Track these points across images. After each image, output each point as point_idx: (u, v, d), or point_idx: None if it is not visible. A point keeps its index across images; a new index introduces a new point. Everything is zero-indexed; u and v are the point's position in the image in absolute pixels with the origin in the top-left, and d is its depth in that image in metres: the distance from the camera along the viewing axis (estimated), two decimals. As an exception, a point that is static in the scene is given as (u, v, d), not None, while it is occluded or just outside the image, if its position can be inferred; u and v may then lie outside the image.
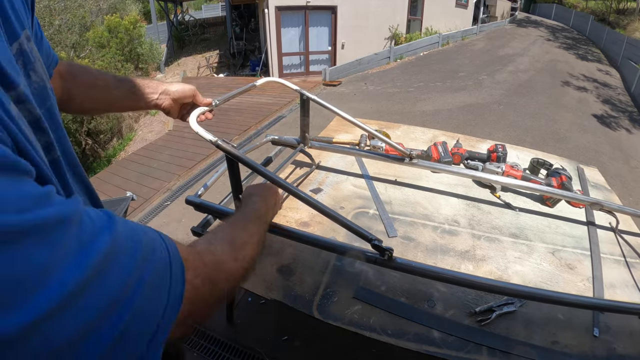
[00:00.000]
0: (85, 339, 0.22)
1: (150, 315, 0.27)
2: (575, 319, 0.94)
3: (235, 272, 0.44)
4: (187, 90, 0.80)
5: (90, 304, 0.23)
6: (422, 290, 0.99)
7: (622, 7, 15.67)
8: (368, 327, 0.90)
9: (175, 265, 0.32)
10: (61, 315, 0.21)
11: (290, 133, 1.52)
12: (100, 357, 0.23)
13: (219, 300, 0.40)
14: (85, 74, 0.68)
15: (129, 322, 0.25)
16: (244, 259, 0.47)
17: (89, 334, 0.23)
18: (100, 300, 0.24)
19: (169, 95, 0.77)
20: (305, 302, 0.95)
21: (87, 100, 0.69)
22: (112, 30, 9.12)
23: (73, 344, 0.22)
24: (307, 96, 1.23)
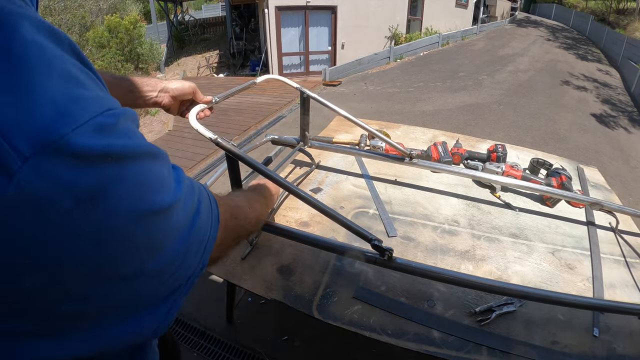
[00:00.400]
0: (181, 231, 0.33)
1: (204, 233, 0.38)
2: (575, 319, 0.94)
3: (249, 216, 0.58)
4: (187, 88, 0.80)
5: (182, 213, 0.33)
6: (422, 290, 0.99)
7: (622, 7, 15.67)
8: (368, 327, 0.90)
9: (214, 202, 0.42)
10: (177, 208, 0.32)
11: (290, 133, 1.52)
12: (184, 255, 0.33)
13: (239, 235, 0.54)
14: None
15: (195, 233, 0.35)
16: (255, 209, 0.62)
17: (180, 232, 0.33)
18: (186, 211, 0.34)
19: (168, 93, 0.78)
20: (305, 302, 0.95)
21: None
22: (112, 30, 9.12)
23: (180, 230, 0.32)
24: (307, 94, 1.23)
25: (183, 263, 0.33)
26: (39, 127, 0.20)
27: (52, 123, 0.20)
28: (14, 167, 0.19)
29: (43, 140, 0.20)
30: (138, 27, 9.59)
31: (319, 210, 0.76)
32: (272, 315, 1.77)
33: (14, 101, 0.19)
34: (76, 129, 0.21)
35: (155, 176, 0.29)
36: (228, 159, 0.84)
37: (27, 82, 0.20)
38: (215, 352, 1.62)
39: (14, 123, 0.19)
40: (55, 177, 0.20)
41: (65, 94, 0.22)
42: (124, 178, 0.24)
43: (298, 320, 1.70)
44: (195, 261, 0.35)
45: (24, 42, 0.21)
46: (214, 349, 1.63)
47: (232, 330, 1.70)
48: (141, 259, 0.28)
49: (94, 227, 0.23)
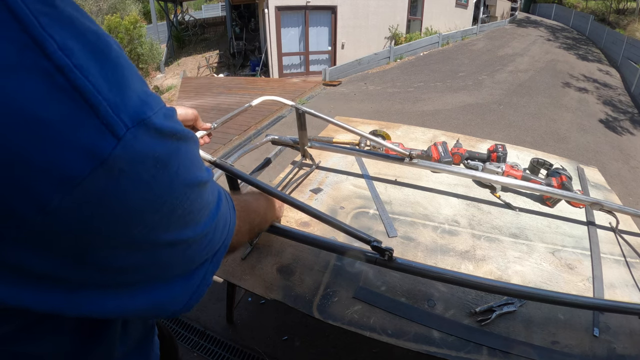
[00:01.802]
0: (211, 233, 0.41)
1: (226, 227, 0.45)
2: (575, 319, 0.94)
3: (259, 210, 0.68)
4: (190, 114, 0.86)
5: (220, 222, 0.43)
6: (422, 290, 0.99)
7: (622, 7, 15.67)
8: (368, 327, 0.90)
9: (227, 194, 0.50)
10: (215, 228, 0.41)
11: (290, 133, 1.52)
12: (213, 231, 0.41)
13: (253, 226, 0.64)
14: None
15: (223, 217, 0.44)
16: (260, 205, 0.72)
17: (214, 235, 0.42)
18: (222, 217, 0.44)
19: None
20: (305, 302, 0.95)
21: None
22: (112, 30, 9.11)
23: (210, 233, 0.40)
24: (302, 110, 1.25)
25: (212, 238, 0.41)
26: (134, 109, 0.28)
27: (140, 107, 0.29)
28: (121, 133, 0.27)
29: (138, 117, 0.28)
30: (138, 27, 9.59)
31: (315, 217, 0.77)
32: (272, 315, 1.77)
33: (118, 92, 0.27)
34: (154, 114, 0.30)
35: (197, 156, 0.37)
36: (228, 177, 0.89)
37: (123, 79, 0.28)
38: (215, 352, 1.62)
39: (120, 105, 0.27)
40: (145, 142, 0.29)
41: (141, 89, 0.30)
42: (182, 152, 0.33)
43: (298, 320, 1.70)
44: (221, 239, 0.43)
45: (115, 49, 0.29)
46: (214, 349, 1.63)
47: (232, 330, 1.70)
48: (185, 224, 0.35)
49: (163, 186, 0.31)
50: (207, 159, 0.85)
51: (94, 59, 0.26)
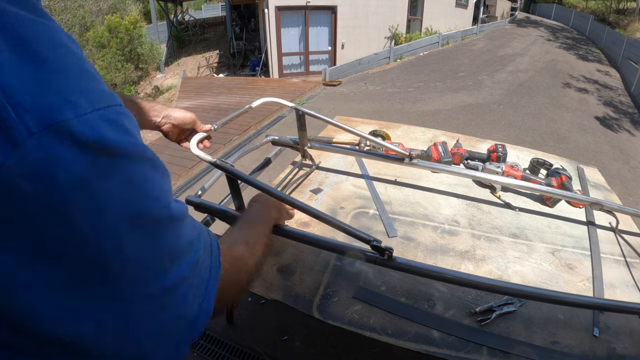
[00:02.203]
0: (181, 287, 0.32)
1: (202, 280, 0.36)
2: (575, 319, 0.94)
3: (251, 265, 0.53)
4: (188, 118, 0.84)
5: (199, 269, 0.34)
6: (422, 290, 0.99)
7: (622, 7, 15.67)
8: (368, 327, 0.90)
9: (216, 253, 0.40)
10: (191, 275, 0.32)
11: (290, 133, 1.52)
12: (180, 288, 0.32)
13: (241, 288, 0.50)
14: None
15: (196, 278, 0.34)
16: (256, 254, 0.56)
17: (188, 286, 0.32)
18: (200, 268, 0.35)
19: (170, 120, 0.80)
20: (305, 302, 0.95)
21: None
22: (112, 30, 9.13)
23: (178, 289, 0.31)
24: (302, 111, 1.25)
25: (181, 298, 0.31)
26: (47, 109, 0.22)
27: (58, 107, 0.22)
28: (20, 139, 0.21)
29: (49, 120, 0.22)
30: (138, 27, 9.60)
31: (315, 217, 0.77)
32: (272, 315, 1.77)
33: (29, 86, 0.22)
34: (79, 117, 0.23)
35: (152, 184, 0.28)
36: (228, 178, 0.88)
37: (45, 74, 0.23)
38: (215, 352, 1.62)
39: (26, 103, 0.21)
40: (54, 155, 0.22)
41: (76, 85, 0.24)
42: (118, 173, 0.25)
43: (298, 320, 1.70)
44: (195, 301, 0.33)
45: (46, 41, 0.24)
46: (214, 349, 1.63)
47: (232, 330, 1.70)
48: (127, 273, 0.26)
49: (83, 216, 0.23)
50: (207, 159, 0.84)
51: (10, 49, 0.22)
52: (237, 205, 0.89)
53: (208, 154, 0.85)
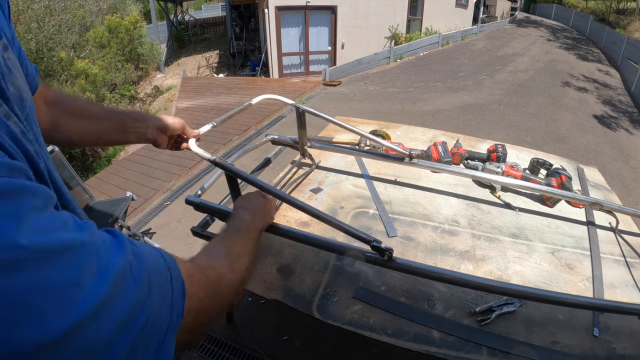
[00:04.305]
0: (102, 352, 0.25)
1: (157, 328, 0.29)
2: (575, 319, 0.94)
3: (233, 282, 0.48)
4: (177, 124, 0.82)
5: (106, 322, 0.25)
6: (422, 290, 0.99)
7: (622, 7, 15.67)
8: (368, 327, 0.90)
9: (177, 283, 0.34)
10: (85, 329, 0.24)
11: (290, 133, 1.52)
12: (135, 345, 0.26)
13: (221, 310, 0.44)
14: (72, 102, 0.67)
15: (138, 335, 0.27)
16: (239, 269, 0.50)
17: (105, 349, 0.25)
18: (114, 317, 0.26)
19: (159, 130, 0.78)
20: (305, 302, 0.95)
21: (74, 132, 0.66)
22: (112, 31, 9.12)
23: (92, 356, 0.24)
24: (302, 109, 1.24)
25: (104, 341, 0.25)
26: None
27: None
28: None
29: None
30: (138, 27, 9.59)
31: (315, 217, 0.77)
32: (272, 315, 1.77)
33: None
34: None
35: (37, 297, 0.21)
36: (227, 176, 0.87)
37: None
38: (215, 352, 1.62)
39: None
40: None
41: None
42: None
43: (298, 320, 1.70)
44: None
45: None
46: (214, 349, 1.63)
47: (232, 330, 1.70)
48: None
49: None
50: (206, 157, 0.84)
51: None
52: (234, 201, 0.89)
53: (208, 152, 0.85)
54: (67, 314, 0.22)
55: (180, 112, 7.03)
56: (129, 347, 0.26)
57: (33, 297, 0.21)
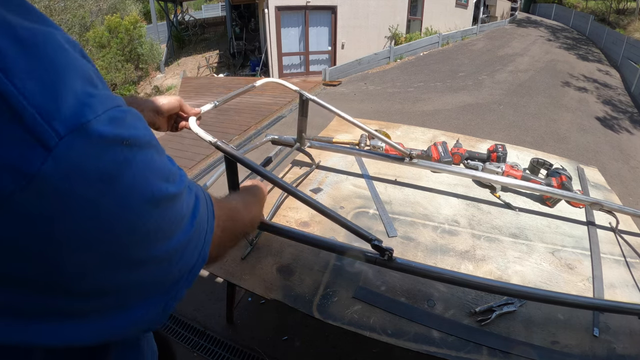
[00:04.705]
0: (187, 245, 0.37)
1: (202, 228, 0.41)
2: (575, 319, 0.94)
3: (245, 219, 0.60)
4: (174, 102, 0.81)
5: (200, 225, 0.39)
6: (422, 290, 0.99)
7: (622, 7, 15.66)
8: (368, 327, 0.90)
9: (209, 200, 0.46)
10: (194, 235, 0.38)
11: (290, 133, 1.52)
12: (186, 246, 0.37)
13: (238, 236, 0.57)
14: None
15: (197, 235, 0.39)
16: (250, 212, 0.64)
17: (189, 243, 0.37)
18: (200, 224, 0.40)
19: (155, 111, 0.77)
20: (305, 302, 0.95)
21: None
22: (112, 31, 9.12)
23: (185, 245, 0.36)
24: (306, 97, 1.23)
25: (185, 253, 0.36)
26: (70, 113, 0.24)
27: (78, 111, 0.25)
28: (52, 143, 0.23)
29: (73, 123, 0.24)
30: (138, 27, 9.59)
31: (318, 211, 0.77)
32: (272, 315, 1.77)
33: (50, 94, 0.24)
34: (96, 117, 0.26)
35: (160, 166, 0.33)
36: (227, 161, 0.84)
37: (59, 79, 0.25)
38: (215, 352, 1.62)
39: (51, 109, 0.23)
40: (83, 153, 0.25)
41: (85, 91, 0.27)
42: (137, 162, 0.29)
43: (298, 320, 1.70)
44: (195, 253, 0.39)
45: (54, 45, 0.26)
46: (214, 349, 1.63)
47: (232, 330, 1.70)
48: (150, 243, 0.31)
49: (114, 204, 0.27)
50: (207, 139, 0.80)
51: (24, 57, 0.23)
52: (231, 186, 0.86)
53: (209, 134, 0.81)
54: (175, 185, 0.34)
55: (180, 112, 7.02)
56: (190, 233, 0.37)
57: (162, 167, 0.33)
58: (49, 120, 0.23)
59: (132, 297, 0.33)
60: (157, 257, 0.32)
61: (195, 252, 0.39)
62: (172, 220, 0.34)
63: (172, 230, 0.34)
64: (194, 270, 0.39)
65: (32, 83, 0.23)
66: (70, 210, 0.25)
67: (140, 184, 0.29)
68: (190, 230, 0.37)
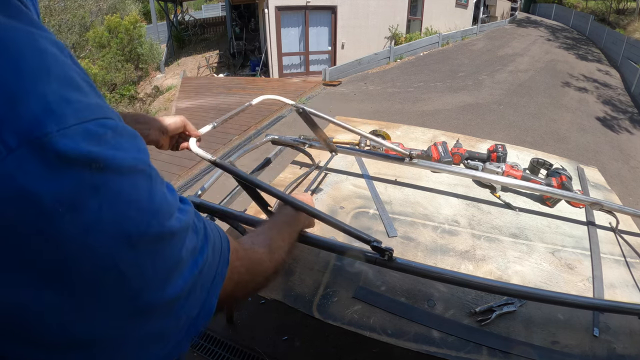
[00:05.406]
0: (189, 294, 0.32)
1: (209, 275, 0.36)
2: (575, 319, 0.94)
3: (269, 270, 0.52)
4: (179, 122, 0.83)
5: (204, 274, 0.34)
6: (422, 290, 0.99)
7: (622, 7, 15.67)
8: (368, 327, 0.90)
9: (225, 250, 0.40)
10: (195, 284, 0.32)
11: (290, 133, 1.52)
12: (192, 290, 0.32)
13: (255, 289, 0.50)
14: None
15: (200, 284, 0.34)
16: (276, 260, 0.55)
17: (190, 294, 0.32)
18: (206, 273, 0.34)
19: (161, 131, 0.78)
20: (305, 302, 0.95)
21: None
22: (112, 31, 9.12)
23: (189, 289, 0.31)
24: (302, 109, 1.24)
25: (184, 304, 0.31)
26: (27, 122, 0.20)
27: (39, 120, 0.20)
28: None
29: (29, 135, 0.20)
30: (138, 27, 9.60)
31: (316, 217, 0.77)
32: (272, 315, 1.77)
33: (6, 96, 0.19)
34: (62, 130, 0.21)
35: (147, 197, 0.27)
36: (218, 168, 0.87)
37: (24, 82, 0.20)
38: (215, 352, 1.62)
39: (4, 115, 0.19)
40: (36, 173, 0.20)
41: (59, 95, 0.22)
42: (105, 189, 0.23)
43: (298, 320, 1.70)
44: (196, 305, 0.33)
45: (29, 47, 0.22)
46: (214, 349, 1.63)
47: (232, 330, 1.70)
48: (124, 291, 0.25)
49: (76, 238, 0.22)
50: (207, 158, 0.83)
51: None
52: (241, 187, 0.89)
53: (208, 153, 0.85)
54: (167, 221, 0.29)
55: (180, 112, 7.03)
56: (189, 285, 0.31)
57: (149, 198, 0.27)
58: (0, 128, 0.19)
59: (110, 355, 0.27)
60: (140, 308, 0.27)
61: (197, 302, 0.33)
62: (159, 266, 0.27)
63: (159, 278, 0.28)
64: (196, 325, 0.33)
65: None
66: (18, 241, 0.20)
67: (112, 217, 0.24)
68: (188, 279, 0.31)
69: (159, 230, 0.27)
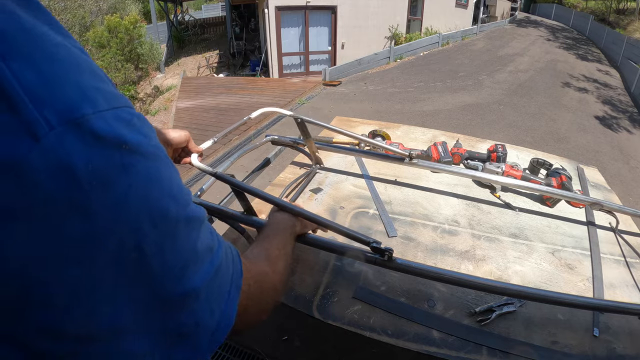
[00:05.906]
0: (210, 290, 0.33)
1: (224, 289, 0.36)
2: (575, 319, 0.94)
3: (275, 283, 0.51)
4: (183, 137, 0.84)
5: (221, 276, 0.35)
6: (422, 290, 0.99)
7: (622, 7, 15.67)
8: (368, 327, 0.90)
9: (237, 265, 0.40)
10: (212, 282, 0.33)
11: (290, 133, 1.52)
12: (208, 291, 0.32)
13: (267, 307, 0.49)
14: None
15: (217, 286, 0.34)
16: (279, 271, 0.53)
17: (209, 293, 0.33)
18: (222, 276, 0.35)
19: (165, 143, 0.79)
20: (305, 302, 0.96)
21: None
22: (112, 30, 9.13)
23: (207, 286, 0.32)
24: (301, 118, 1.24)
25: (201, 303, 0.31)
26: (66, 104, 0.23)
27: (77, 103, 0.23)
28: (40, 133, 0.21)
29: (68, 115, 0.22)
30: (138, 27, 9.60)
31: (315, 222, 0.77)
32: (272, 315, 1.77)
33: (49, 82, 0.22)
34: (97, 113, 0.24)
35: (168, 182, 0.29)
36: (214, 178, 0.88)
37: (61, 69, 0.23)
38: (215, 352, 1.62)
39: (45, 97, 0.22)
40: (74, 149, 0.22)
41: (91, 84, 0.25)
42: (134, 169, 0.25)
43: (298, 320, 1.70)
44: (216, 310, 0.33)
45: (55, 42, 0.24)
46: (214, 349, 1.63)
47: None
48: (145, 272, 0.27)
49: (102, 214, 0.24)
50: (209, 172, 0.84)
51: (27, 44, 0.22)
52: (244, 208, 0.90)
53: (209, 167, 0.86)
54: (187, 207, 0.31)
55: (181, 112, 7.03)
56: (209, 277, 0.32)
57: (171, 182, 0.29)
58: (42, 109, 0.21)
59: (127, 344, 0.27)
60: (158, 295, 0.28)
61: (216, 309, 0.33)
62: (178, 251, 0.29)
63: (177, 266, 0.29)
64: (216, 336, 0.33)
65: (31, 70, 0.21)
66: (52, 213, 0.22)
67: (140, 195, 0.26)
68: (206, 275, 0.31)
69: (178, 214, 0.29)
